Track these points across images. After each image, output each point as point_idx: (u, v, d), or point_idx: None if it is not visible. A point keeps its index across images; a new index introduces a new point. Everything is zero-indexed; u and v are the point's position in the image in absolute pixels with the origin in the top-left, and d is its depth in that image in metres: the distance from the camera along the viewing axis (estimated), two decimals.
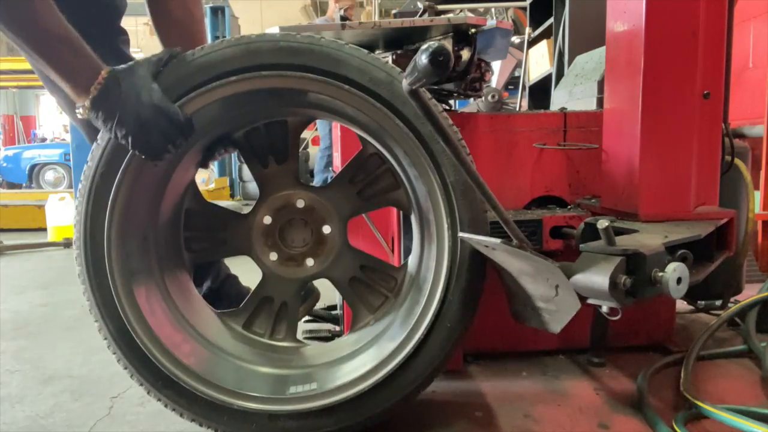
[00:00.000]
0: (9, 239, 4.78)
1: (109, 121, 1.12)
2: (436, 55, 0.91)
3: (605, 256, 1.14)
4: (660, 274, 1.12)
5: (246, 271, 1.82)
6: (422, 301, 1.28)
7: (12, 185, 10.94)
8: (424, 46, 0.93)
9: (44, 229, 5.13)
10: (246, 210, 1.46)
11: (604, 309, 1.15)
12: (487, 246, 1.17)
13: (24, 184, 10.78)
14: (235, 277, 1.98)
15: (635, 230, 1.35)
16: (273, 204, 1.44)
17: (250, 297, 1.49)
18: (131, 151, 1.16)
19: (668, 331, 1.86)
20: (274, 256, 1.44)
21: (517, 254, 1.11)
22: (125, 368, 1.27)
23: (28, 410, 1.55)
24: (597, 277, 1.10)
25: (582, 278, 1.12)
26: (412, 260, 1.47)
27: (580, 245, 1.21)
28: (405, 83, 1.00)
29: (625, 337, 1.82)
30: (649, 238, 1.25)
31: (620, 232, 1.36)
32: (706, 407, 1.33)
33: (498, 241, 1.11)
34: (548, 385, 1.62)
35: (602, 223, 1.15)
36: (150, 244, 1.32)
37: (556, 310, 1.14)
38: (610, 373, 1.68)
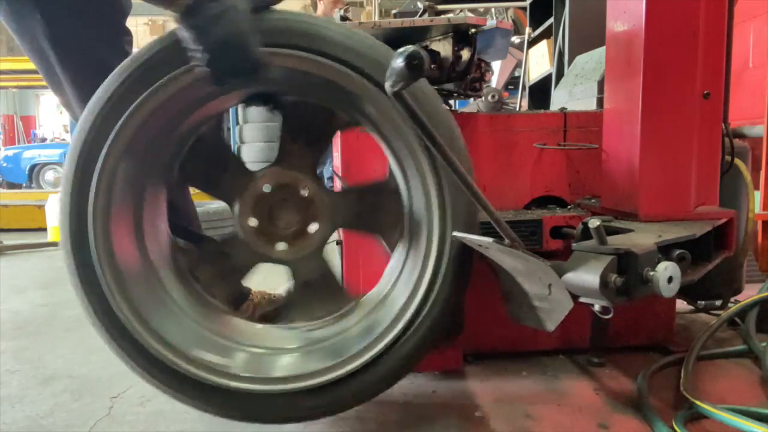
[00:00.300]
0: (9, 239, 4.78)
1: (201, 27, 1.09)
2: (411, 59, 0.94)
3: (596, 255, 1.15)
4: (651, 273, 1.13)
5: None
6: (387, 320, 1.28)
7: (12, 185, 10.95)
8: (400, 50, 0.95)
9: (44, 229, 5.13)
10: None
11: (597, 308, 1.16)
12: (480, 245, 1.17)
13: (24, 184, 10.79)
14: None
15: (631, 230, 1.36)
16: (281, 176, 1.42)
17: (211, 243, 1.46)
18: (202, 61, 1.12)
19: (668, 331, 1.85)
20: (254, 222, 1.42)
21: (510, 254, 1.12)
22: (74, 289, 1.24)
23: (28, 410, 1.55)
24: (588, 276, 1.11)
25: (573, 277, 1.13)
26: (375, 290, 1.45)
27: (572, 244, 1.22)
28: (387, 86, 1.01)
29: (625, 337, 1.82)
30: (642, 238, 1.26)
31: (616, 231, 1.37)
32: (706, 407, 1.33)
33: (490, 240, 1.11)
34: (548, 385, 1.62)
35: (593, 223, 1.16)
36: (148, 153, 1.29)
37: (551, 309, 1.15)
38: (610, 373, 1.68)
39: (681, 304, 2.13)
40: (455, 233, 1.22)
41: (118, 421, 1.47)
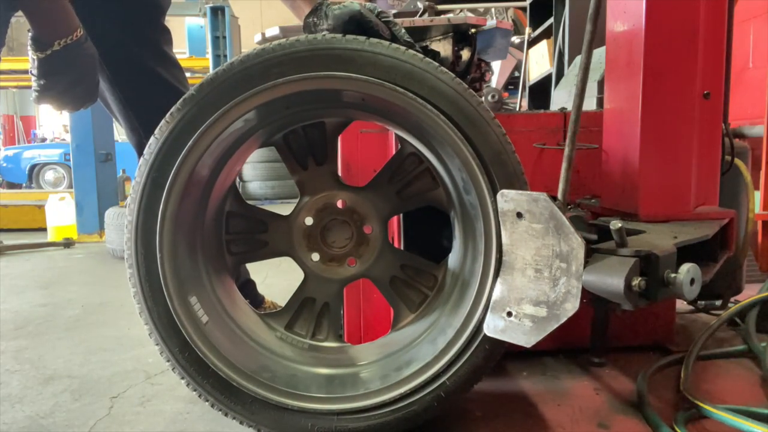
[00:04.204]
0: (9, 239, 4.78)
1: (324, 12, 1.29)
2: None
3: (619, 257, 1.12)
4: (673, 275, 1.10)
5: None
6: (469, 302, 1.26)
7: (12, 185, 10.95)
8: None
9: (44, 229, 5.14)
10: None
11: (618, 311, 1.14)
12: (527, 205, 1.14)
13: (24, 184, 10.79)
14: (254, 283, 1.99)
15: (642, 231, 1.34)
16: (314, 204, 1.44)
17: (292, 298, 1.48)
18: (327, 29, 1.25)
19: (668, 331, 1.85)
20: (316, 256, 1.44)
21: (554, 217, 1.09)
22: (203, 397, 1.25)
23: (28, 410, 1.55)
24: (611, 279, 1.08)
25: (595, 279, 1.10)
26: (453, 258, 1.45)
27: (592, 246, 1.19)
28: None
29: (625, 337, 1.82)
30: (658, 239, 1.24)
31: (628, 232, 1.35)
32: (706, 407, 1.33)
33: (544, 194, 1.09)
34: (548, 385, 1.62)
35: (615, 224, 1.13)
36: (198, 255, 1.31)
37: (547, 317, 1.11)
38: (610, 373, 1.68)
39: (681, 304, 2.13)
40: (503, 190, 1.19)
41: (118, 421, 1.47)
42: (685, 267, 1.10)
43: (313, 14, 1.30)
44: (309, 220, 1.43)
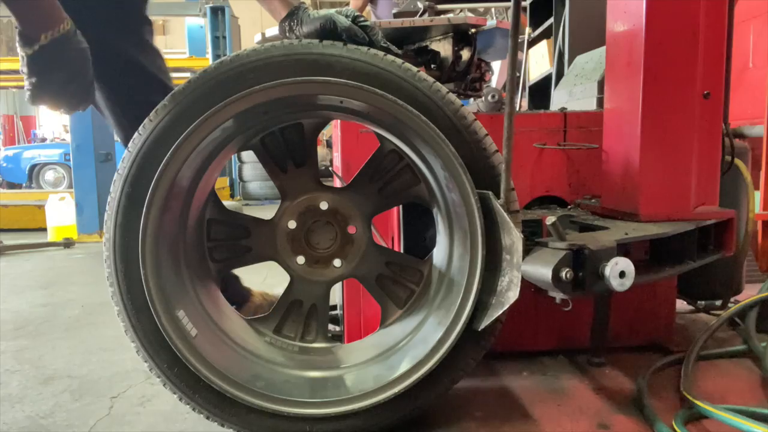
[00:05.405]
0: (9, 239, 4.78)
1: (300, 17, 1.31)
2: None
3: (552, 249, 1.20)
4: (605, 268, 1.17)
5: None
6: (457, 298, 1.26)
7: (12, 185, 10.95)
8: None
9: (44, 229, 5.13)
10: (246, 210, 1.45)
11: (557, 299, 1.23)
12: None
13: (24, 184, 10.79)
14: (237, 278, 1.99)
15: (606, 227, 1.40)
16: (295, 208, 1.43)
17: (279, 302, 1.47)
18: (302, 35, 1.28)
19: (668, 331, 1.85)
20: (301, 259, 1.44)
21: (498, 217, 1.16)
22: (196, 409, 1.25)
23: (28, 410, 1.55)
24: (542, 269, 1.17)
25: (530, 269, 1.19)
26: (438, 253, 1.45)
27: (534, 239, 1.27)
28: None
29: (625, 337, 1.82)
30: (608, 235, 1.31)
31: (593, 228, 1.43)
32: (706, 407, 1.33)
33: (489, 192, 1.19)
34: (548, 385, 1.62)
35: (550, 220, 1.22)
36: (182, 266, 1.30)
37: (497, 303, 1.18)
38: (610, 373, 1.68)
39: (681, 304, 2.13)
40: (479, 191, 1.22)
41: (118, 421, 1.47)
42: (614, 260, 1.17)
43: (288, 18, 1.29)
44: (292, 224, 1.42)
